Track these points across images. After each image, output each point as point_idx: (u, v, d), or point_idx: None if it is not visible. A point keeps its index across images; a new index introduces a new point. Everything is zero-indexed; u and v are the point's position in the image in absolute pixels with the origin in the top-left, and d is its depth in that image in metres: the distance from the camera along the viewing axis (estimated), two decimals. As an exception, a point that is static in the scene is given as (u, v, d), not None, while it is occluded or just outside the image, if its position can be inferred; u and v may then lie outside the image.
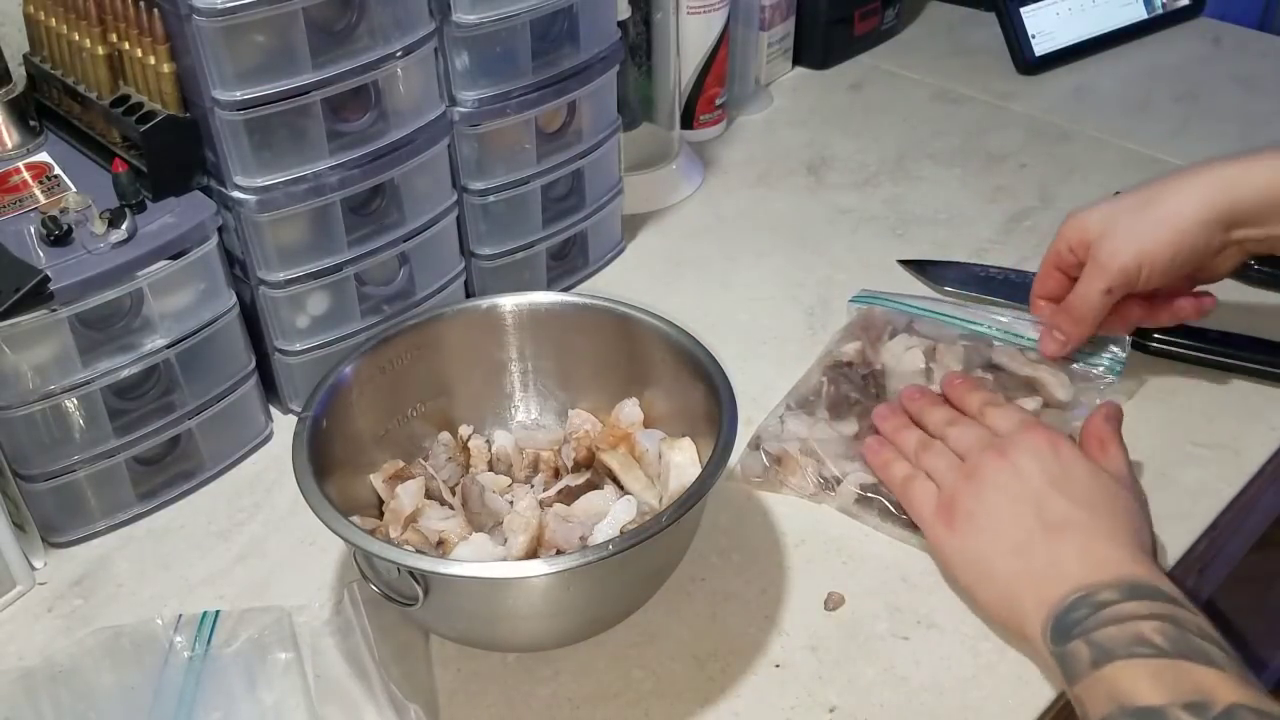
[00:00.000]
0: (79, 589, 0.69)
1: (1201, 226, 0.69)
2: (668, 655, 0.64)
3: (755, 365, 0.84)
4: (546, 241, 0.88)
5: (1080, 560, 0.59)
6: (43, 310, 0.64)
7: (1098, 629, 0.55)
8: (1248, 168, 0.69)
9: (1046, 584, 0.59)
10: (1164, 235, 0.70)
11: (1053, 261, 0.76)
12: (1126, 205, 0.72)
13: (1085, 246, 0.73)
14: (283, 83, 0.68)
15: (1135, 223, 0.71)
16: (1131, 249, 0.70)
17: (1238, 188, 0.69)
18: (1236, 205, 0.69)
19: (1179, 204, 0.70)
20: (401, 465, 0.69)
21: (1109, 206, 0.73)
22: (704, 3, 1.03)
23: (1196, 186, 0.70)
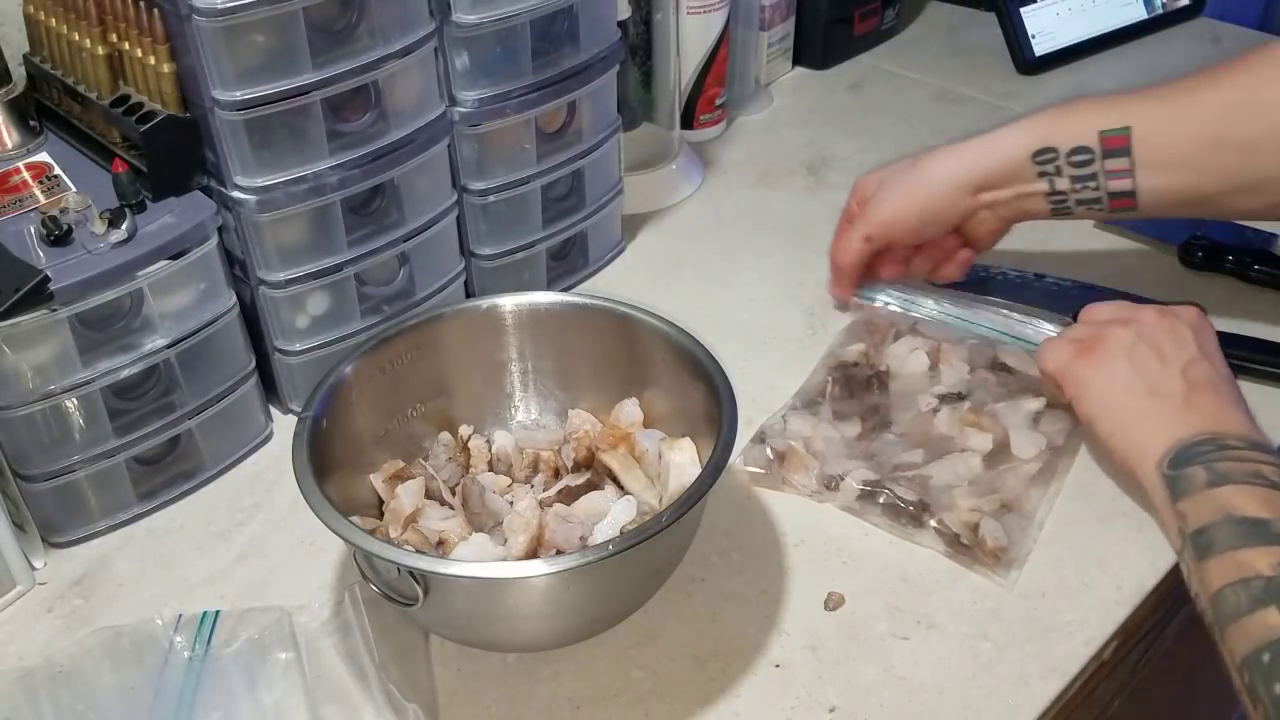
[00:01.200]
0: (79, 589, 0.70)
1: (948, 189, 0.78)
2: (668, 655, 0.64)
3: (755, 365, 0.84)
4: (546, 241, 0.88)
5: (1215, 414, 0.64)
6: (43, 310, 0.64)
7: (1219, 461, 0.60)
8: (998, 138, 0.77)
9: (1176, 423, 0.64)
10: (915, 194, 0.79)
11: (845, 216, 0.85)
12: (897, 168, 0.81)
13: (863, 204, 0.82)
14: (283, 83, 0.68)
15: (898, 183, 0.80)
16: (888, 205, 0.80)
17: (985, 156, 0.77)
18: (981, 171, 0.77)
19: (933, 168, 0.79)
20: (401, 465, 0.69)
21: (886, 169, 0.82)
22: (704, 3, 1.03)
23: (951, 154, 0.78)
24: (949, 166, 0.78)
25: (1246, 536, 0.56)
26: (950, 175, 0.78)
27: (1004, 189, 0.77)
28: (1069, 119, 0.75)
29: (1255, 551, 0.56)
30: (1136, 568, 0.68)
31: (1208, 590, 0.57)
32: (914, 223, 0.80)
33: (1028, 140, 0.75)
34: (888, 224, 0.80)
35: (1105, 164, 0.74)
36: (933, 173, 0.78)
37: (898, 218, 0.80)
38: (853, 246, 0.81)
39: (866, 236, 0.81)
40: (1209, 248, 0.91)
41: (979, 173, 0.77)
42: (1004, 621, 0.65)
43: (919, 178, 0.79)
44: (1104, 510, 0.72)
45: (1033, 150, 0.75)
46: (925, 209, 0.79)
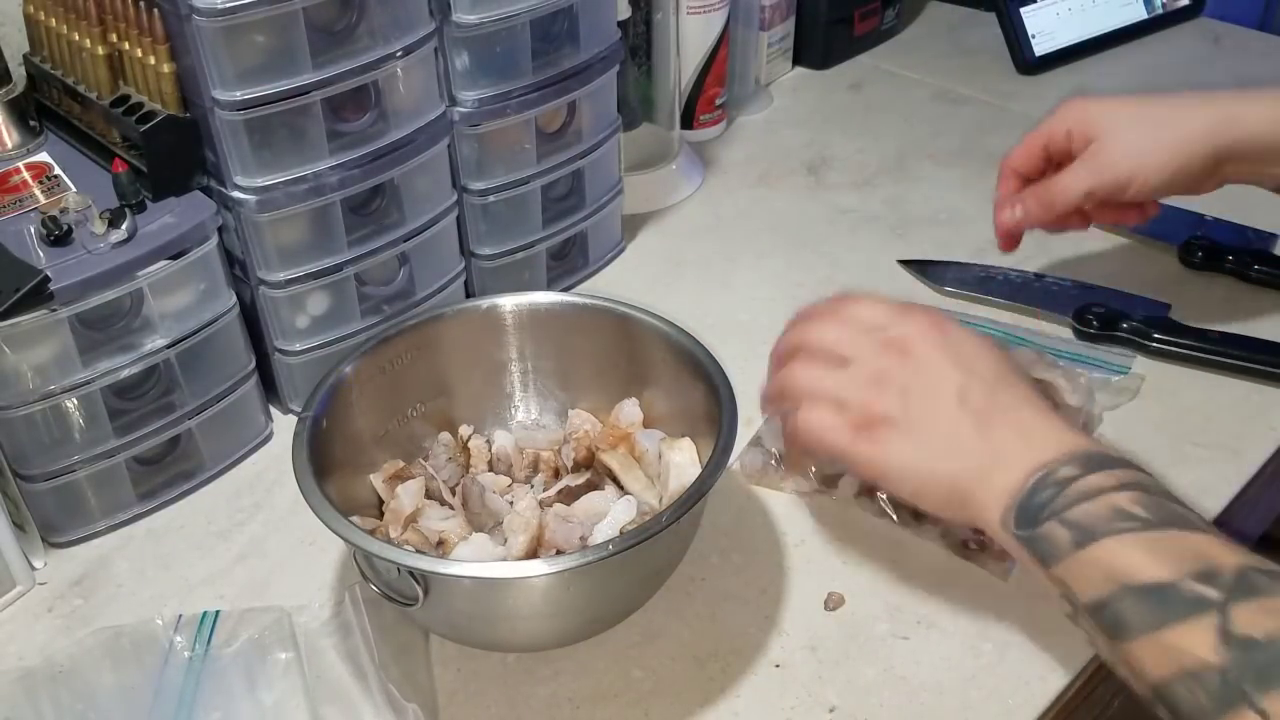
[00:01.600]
0: (79, 589, 0.70)
1: (1203, 157, 0.68)
2: (668, 655, 0.64)
3: (755, 365, 0.84)
4: (546, 241, 0.88)
5: (1022, 441, 0.55)
6: (43, 310, 0.64)
7: (1069, 508, 0.51)
8: (1254, 103, 0.68)
9: (996, 473, 0.54)
10: (1165, 158, 0.68)
11: (1042, 140, 0.73)
12: (1134, 114, 0.71)
13: (1085, 141, 0.71)
14: (283, 83, 0.68)
15: (1140, 137, 0.69)
16: (1130, 162, 0.69)
17: (1242, 123, 0.68)
18: (1239, 141, 0.68)
19: (1188, 130, 0.68)
20: (401, 465, 0.69)
21: (1117, 107, 0.71)
22: (704, 3, 1.03)
23: (1205, 115, 0.69)
24: (1206, 126, 0.68)
25: (1160, 611, 0.47)
26: (1203, 141, 0.68)
27: (1250, 164, 0.69)
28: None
29: (1181, 630, 0.46)
30: (1136, 568, 0.68)
31: (1144, 678, 0.49)
32: (1156, 188, 0.69)
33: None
34: (1120, 185, 0.69)
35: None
36: (1186, 137, 0.68)
37: (1135, 181, 0.69)
38: (1072, 197, 0.70)
39: (1091, 191, 0.70)
40: (1209, 248, 0.91)
41: (1234, 143, 0.68)
42: (1004, 621, 0.65)
43: (1168, 139, 0.69)
44: (1104, 510, 0.72)
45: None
46: (1173, 179, 0.69)
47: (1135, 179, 0.69)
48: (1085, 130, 0.71)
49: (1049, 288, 0.89)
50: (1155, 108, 0.70)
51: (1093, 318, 0.84)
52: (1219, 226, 0.94)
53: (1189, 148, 0.68)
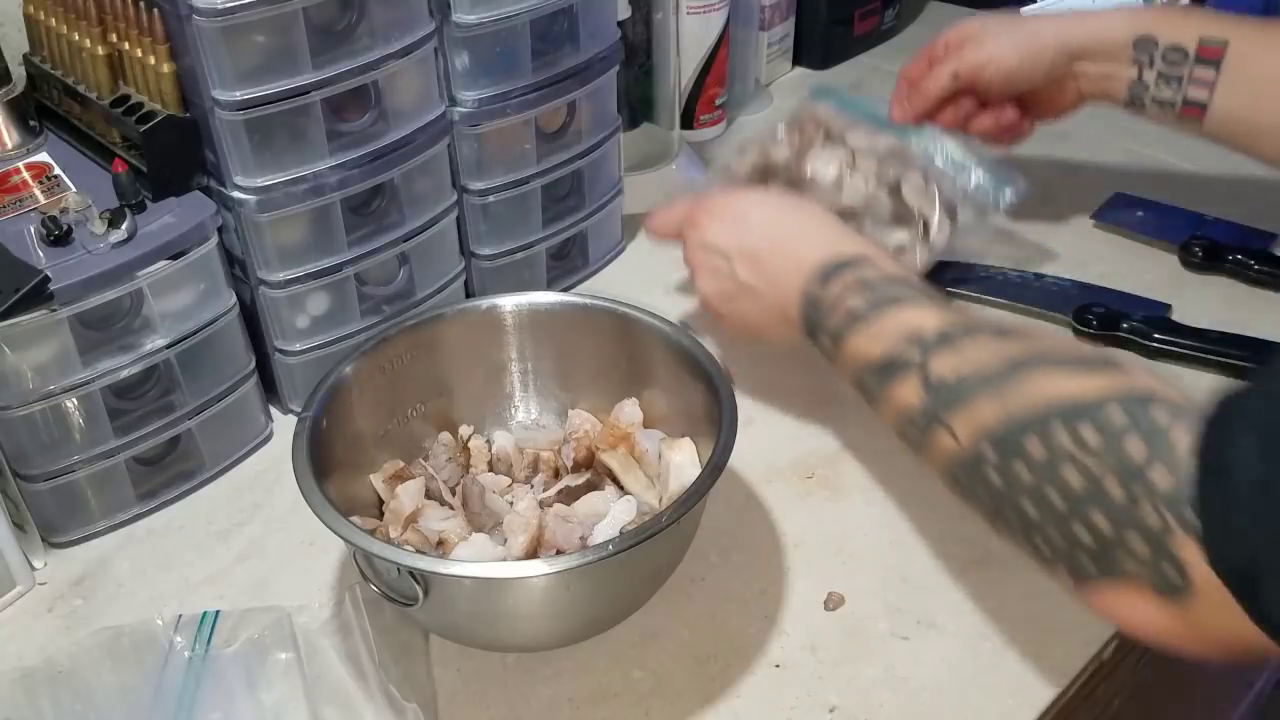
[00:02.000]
0: (79, 589, 0.69)
1: (1051, 48, 0.82)
2: (668, 655, 0.64)
3: (755, 365, 0.84)
4: (546, 241, 0.88)
5: (794, 269, 0.65)
6: (43, 310, 0.64)
7: (824, 320, 0.62)
8: (1105, 16, 0.81)
9: (787, 303, 0.66)
10: (1017, 45, 0.83)
11: (928, 51, 0.88)
12: (1002, 20, 0.85)
13: (959, 45, 0.85)
14: (283, 83, 0.68)
15: (999, 32, 0.84)
16: (986, 49, 0.84)
17: (1092, 28, 0.81)
18: (1085, 39, 0.81)
19: (1041, 25, 0.84)
20: (401, 465, 0.69)
21: (990, 19, 0.85)
22: (704, 3, 1.03)
23: (1059, 19, 0.83)
24: (1057, 27, 0.82)
25: (884, 378, 0.58)
26: (1057, 36, 0.82)
27: (1098, 64, 0.81)
28: (1173, 17, 0.79)
29: (897, 387, 0.57)
30: (1136, 568, 0.68)
31: (889, 425, 0.59)
32: (1009, 71, 0.83)
33: (1133, 25, 0.79)
34: (981, 66, 0.83)
35: (1194, 70, 0.77)
36: (1041, 29, 0.83)
37: (994, 62, 0.83)
38: (941, 80, 0.85)
39: (954, 74, 0.84)
40: (1209, 248, 0.91)
41: (1083, 40, 0.81)
42: (1004, 621, 0.65)
43: (1025, 30, 0.83)
44: (1104, 510, 0.72)
45: (1135, 35, 0.79)
46: (1024, 61, 0.82)
47: (990, 62, 0.83)
48: (960, 37, 0.86)
49: (1049, 288, 0.89)
50: (1022, 19, 0.86)
51: (1093, 318, 0.84)
52: (1219, 226, 0.94)
53: (1039, 40, 0.82)
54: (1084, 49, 0.81)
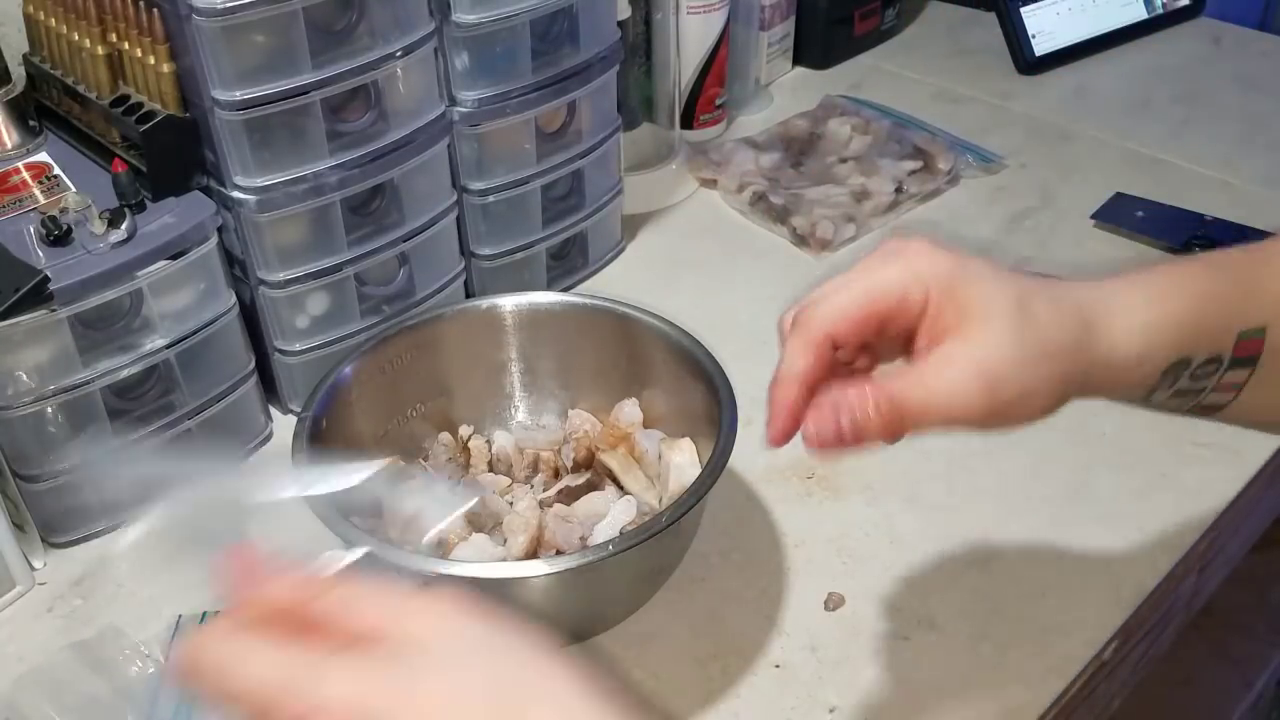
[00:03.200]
0: (79, 589, 0.69)
1: (1058, 379, 0.47)
2: (668, 655, 0.64)
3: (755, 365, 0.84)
4: (546, 241, 0.88)
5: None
6: (42, 310, 0.64)
7: None
8: (1138, 334, 0.49)
9: None
10: (1046, 393, 0.47)
11: (882, 301, 0.47)
12: (1017, 321, 0.47)
13: (947, 318, 0.47)
14: (282, 83, 0.68)
15: (1024, 358, 0.47)
16: (1010, 395, 0.46)
17: (1117, 354, 0.49)
18: (1108, 373, 0.49)
19: (1068, 354, 0.48)
20: (402, 465, 0.69)
21: (992, 285, 0.47)
22: (704, 2, 1.03)
23: (1069, 322, 0.48)
24: (1068, 341, 0.48)
25: None
26: (1072, 359, 0.48)
27: (1102, 390, 0.50)
28: (1216, 314, 0.50)
29: None
30: (1136, 568, 0.68)
31: None
32: (1022, 423, 0.47)
33: (1171, 345, 0.49)
34: (997, 418, 0.46)
35: (1225, 376, 0.51)
36: (1071, 368, 0.48)
37: (1015, 417, 0.47)
38: (929, 422, 0.46)
39: (952, 422, 0.46)
40: (1209, 248, 0.91)
41: (1104, 373, 0.49)
42: (1004, 621, 0.65)
43: (1052, 375, 0.47)
44: (1103, 510, 0.72)
45: (1170, 363, 0.50)
46: (1046, 411, 0.48)
47: (1010, 414, 0.47)
48: (953, 320, 0.46)
49: (1049, 288, 0.89)
50: (1035, 323, 0.47)
51: (1093, 318, 0.84)
52: (1219, 226, 0.94)
53: (1068, 384, 0.48)
54: (1102, 382, 0.49)
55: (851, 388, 0.46)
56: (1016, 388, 0.46)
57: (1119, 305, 0.50)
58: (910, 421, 0.46)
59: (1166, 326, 0.50)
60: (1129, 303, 0.50)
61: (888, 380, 0.46)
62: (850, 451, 0.46)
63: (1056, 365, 0.47)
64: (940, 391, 0.46)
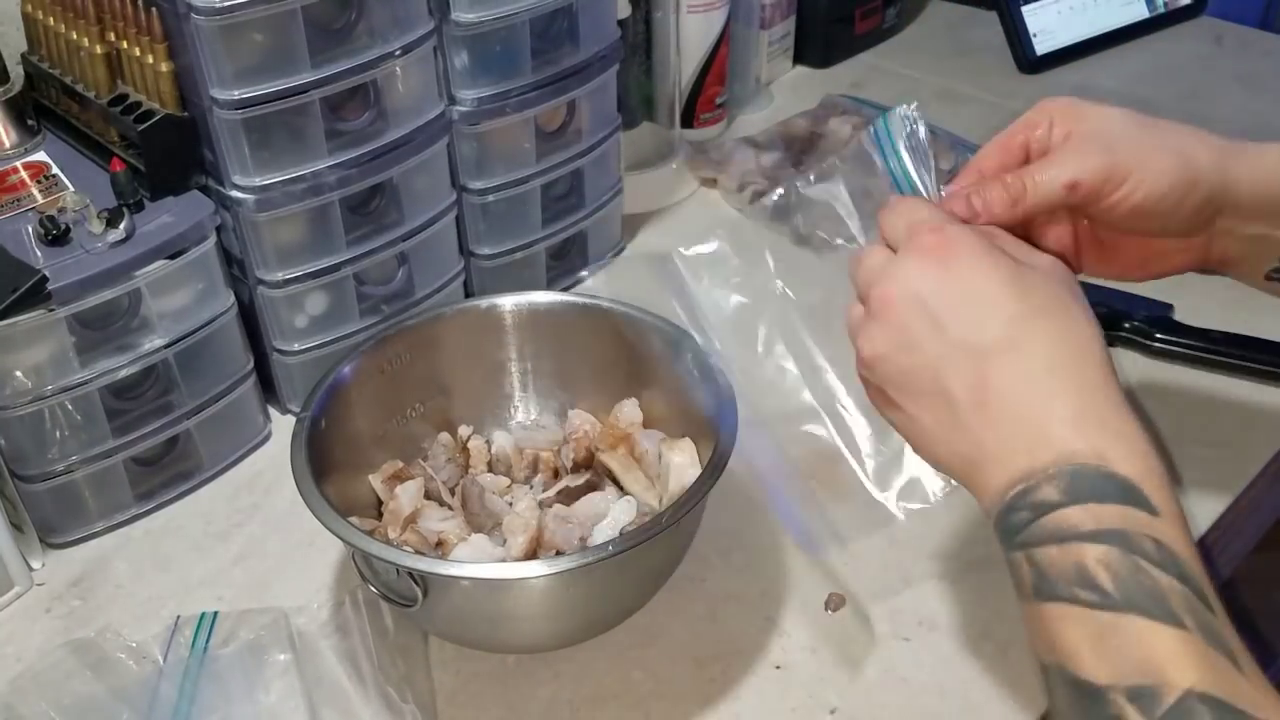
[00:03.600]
0: (77, 590, 0.69)
1: (1207, 186, 0.53)
2: (668, 656, 0.64)
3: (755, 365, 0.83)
4: (546, 241, 0.88)
5: (1013, 435, 0.46)
6: (40, 310, 0.64)
7: (1039, 544, 0.45)
8: (1263, 149, 0.55)
9: (986, 469, 0.47)
10: (1169, 164, 0.53)
11: (1022, 132, 0.57)
12: (1130, 117, 0.55)
13: (1073, 140, 0.55)
14: (281, 82, 0.67)
15: (1141, 135, 0.54)
16: (1128, 156, 0.53)
17: (1259, 166, 0.54)
18: (1243, 182, 0.54)
19: (1194, 147, 0.54)
20: (400, 466, 0.69)
21: (1109, 108, 0.56)
22: (704, 2, 1.03)
23: (1213, 143, 0.54)
24: (1215, 157, 0.54)
25: (1081, 712, 0.43)
26: (1217, 169, 0.53)
27: (1254, 223, 0.55)
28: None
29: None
30: (1138, 568, 0.68)
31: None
32: (1158, 196, 0.53)
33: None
34: (1112, 178, 0.53)
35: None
36: (1194, 152, 0.53)
37: (1142, 187, 0.53)
38: (1048, 189, 0.53)
39: (1074, 184, 0.53)
40: (1211, 247, 0.90)
41: (1251, 185, 0.54)
42: (1005, 622, 0.65)
43: (1174, 146, 0.54)
44: (1105, 511, 0.71)
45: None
46: (1174, 192, 0.53)
47: (1131, 176, 0.53)
48: (1073, 122, 0.56)
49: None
50: (1156, 121, 0.55)
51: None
52: (1221, 226, 0.94)
53: (1194, 167, 0.54)
54: (1236, 196, 0.54)
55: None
56: (1133, 150, 0.53)
57: (1253, 149, 0.55)
58: (1031, 189, 0.54)
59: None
60: (1267, 147, 0.55)
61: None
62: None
63: (1180, 161, 0.53)
64: (1057, 159, 0.54)
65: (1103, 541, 0.43)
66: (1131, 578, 0.43)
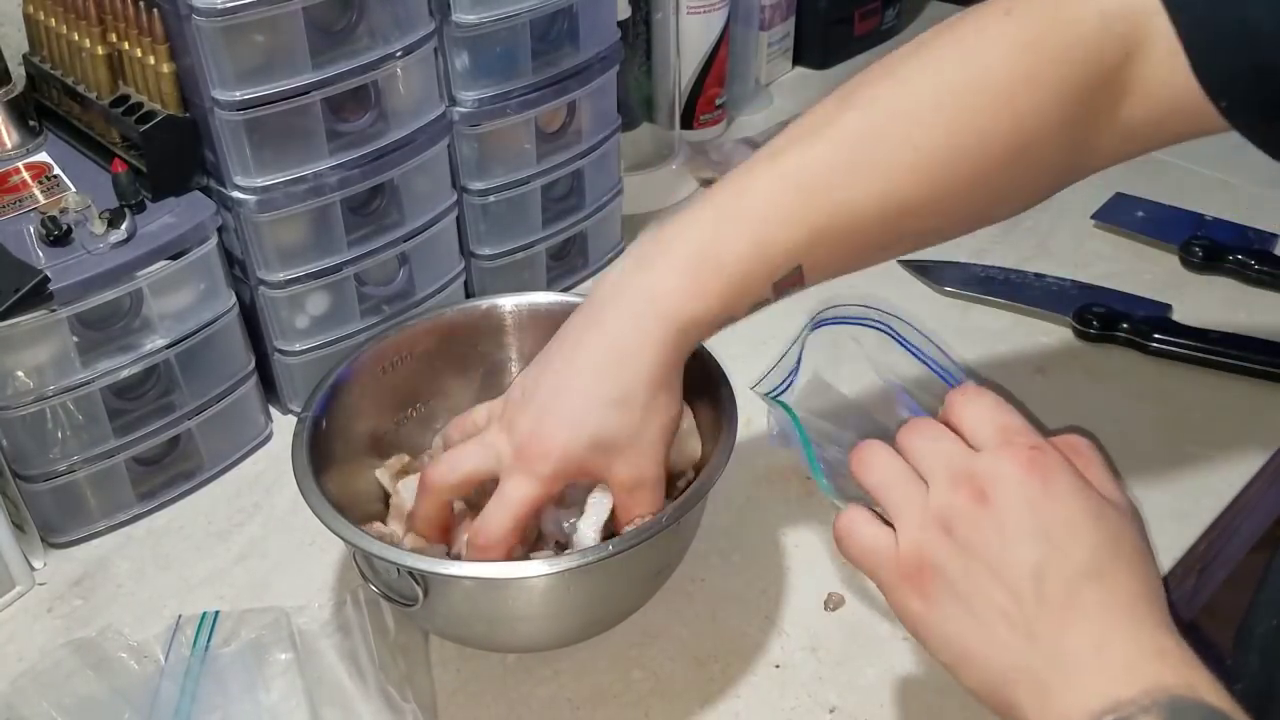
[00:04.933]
0: (78, 589, 0.69)
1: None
2: (668, 656, 0.64)
3: (755, 365, 0.84)
4: (546, 242, 0.88)
5: (1098, 658, 0.44)
6: (42, 310, 0.64)
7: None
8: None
9: (1053, 691, 0.44)
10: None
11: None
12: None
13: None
14: (282, 83, 0.68)
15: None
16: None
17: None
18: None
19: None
20: (408, 459, 0.69)
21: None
22: (704, 2, 1.03)
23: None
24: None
25: None
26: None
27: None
28: (747, 277, 0.60)
29: None
30: (1137, 568, 0.68)
31: None
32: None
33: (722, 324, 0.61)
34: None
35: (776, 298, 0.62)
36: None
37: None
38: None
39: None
40: (1209, 247, 0.91)
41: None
42: (1004, 622, 0.65)
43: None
44: (1104, 510, 0.72)
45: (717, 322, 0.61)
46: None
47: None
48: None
49: (1049, 288, 0.89)
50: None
51: (1093, 318, 0.84)
52: (1219, 226, 0.94)
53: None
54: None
55: None
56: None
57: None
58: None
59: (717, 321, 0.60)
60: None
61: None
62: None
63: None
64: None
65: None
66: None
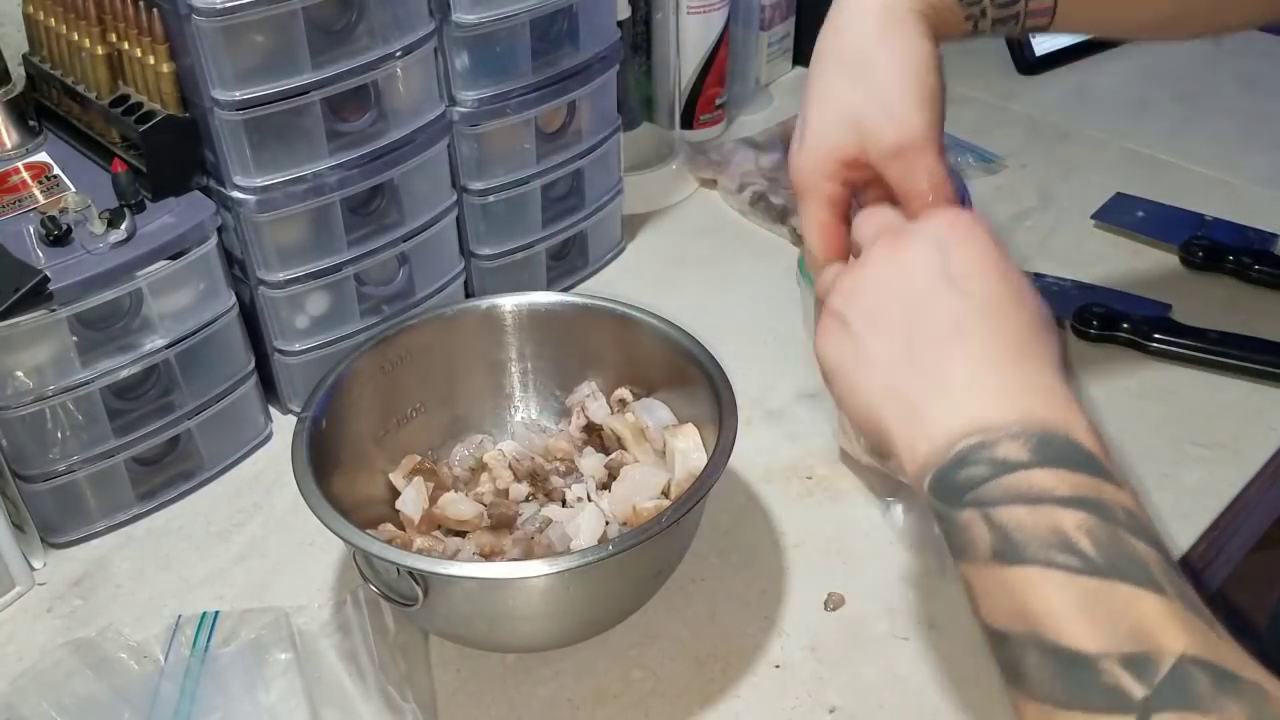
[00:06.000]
0: (78, 589, 0.69)
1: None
2: (668, 656, 0.64)
3: (755, 365, 0.84)
4: (546, 241, 0.88)
5: (972, 383, 0.45)
6: (42, 310, 0.64)
7: (1001, 504, 0.42)
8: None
9: (924, 416, 0.45)
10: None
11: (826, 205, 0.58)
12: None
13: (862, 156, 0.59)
14: (282, 83, 0.68)
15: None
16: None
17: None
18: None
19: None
20: (419, 460, 0.69)
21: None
22: (704, 2, 1.03)
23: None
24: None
25: (1068, 688, 0.40)
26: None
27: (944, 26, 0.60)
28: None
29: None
30: (1137, 568, 0.68)
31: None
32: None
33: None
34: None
35: (1031, 3, 0.59)
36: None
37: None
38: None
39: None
40: (1209, 248, 0.91)
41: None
42: (1004, 622, 0.65)
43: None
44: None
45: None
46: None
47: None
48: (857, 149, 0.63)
49: (1049, 288, 0.89)
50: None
51: (1093, 318, 0.84)
52: (1219, 226, 0.94)
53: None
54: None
55: None
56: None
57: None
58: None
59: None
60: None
61: None
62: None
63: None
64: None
65: (1079, 508, 0.41)
66: (1112, 544, 0.41)
